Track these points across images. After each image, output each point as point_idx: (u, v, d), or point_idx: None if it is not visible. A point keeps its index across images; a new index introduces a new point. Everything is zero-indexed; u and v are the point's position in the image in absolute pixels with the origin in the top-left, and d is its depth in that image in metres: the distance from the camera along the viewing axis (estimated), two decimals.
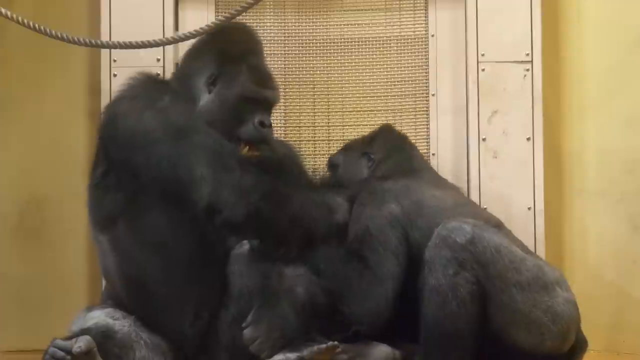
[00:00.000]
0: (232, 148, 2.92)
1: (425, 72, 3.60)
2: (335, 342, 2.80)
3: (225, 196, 2.77)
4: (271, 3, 3.60)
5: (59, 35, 2.76)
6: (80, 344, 2.64)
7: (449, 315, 2.74)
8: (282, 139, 3.50)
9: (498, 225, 3.06)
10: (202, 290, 2.88)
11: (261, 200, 2.79)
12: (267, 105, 3.10)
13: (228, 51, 3.05)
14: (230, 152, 2.88)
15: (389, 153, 3.27)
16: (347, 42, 3.61)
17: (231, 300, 2.87)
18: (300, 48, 3.62)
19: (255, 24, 3.61)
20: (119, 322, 2.84)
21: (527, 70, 3.51)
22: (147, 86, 2.98)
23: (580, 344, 2.96)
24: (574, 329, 2.90)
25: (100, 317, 2.88)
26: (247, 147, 3.03)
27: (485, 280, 2.77)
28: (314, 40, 3.62)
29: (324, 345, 2.78)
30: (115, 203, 2.92)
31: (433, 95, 3.59)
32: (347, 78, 3.61)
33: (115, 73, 3.51)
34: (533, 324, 2.80)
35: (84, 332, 2.74)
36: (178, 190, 2.80)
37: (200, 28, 2.81)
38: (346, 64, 3.61)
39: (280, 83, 3.59)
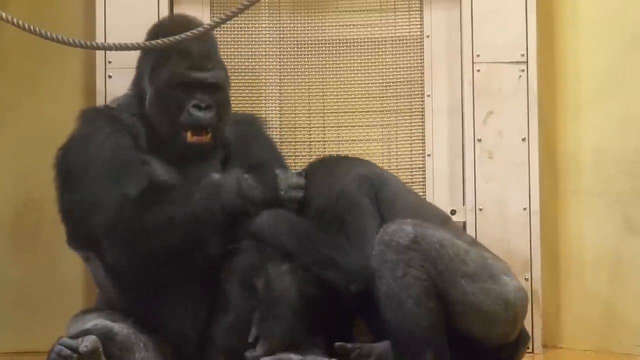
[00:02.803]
0: (124, 193, 2.89)
1: (421, 73, 3.60)
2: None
3: (102, 248, 2.86)
4: (266, 4, 3.60)
5: (54, 37, 2.75)
6: (86, 343, 2.64)
7: (408, 315, 2.73)
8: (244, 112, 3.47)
9: (446, 221, 3.10)
10: (197, 290, 2.88)
11: (135, 245, 2.82)
12: (204, 87, 3.01)
13: None
14: (121, 202, 2.86)
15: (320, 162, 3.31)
16: (343, 43, 3.61)
17: (228, 308, 2.89)
18: (296, 49, 3.62)
19: (250, 25, 3.62)
20: (118, 324, 2.84)
21: (522, 70, 3.51)
22: (87, 126, 3.03)
23: (523, 338, 2.97)
24: (523, 316, 2.91)
25: (98, 319, 2.89)
26: (189, 133, 2.99)
27: (435, 276, 2.77)
28: (309, 41, 3.62)
29: None
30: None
31: (428, 96, 3.59)
32: (342, 79, 3.61)
33: (111, 74, 3.52)
34: (485, 313, 2.80)
35: (84, 333, 2.73)
36: None
37: (196, 29, 2.81)
38: (341, 65, 3.61)
39: (275, 84, 3.61)
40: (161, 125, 3.02)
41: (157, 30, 3.05)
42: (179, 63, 3.01)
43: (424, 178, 3.58)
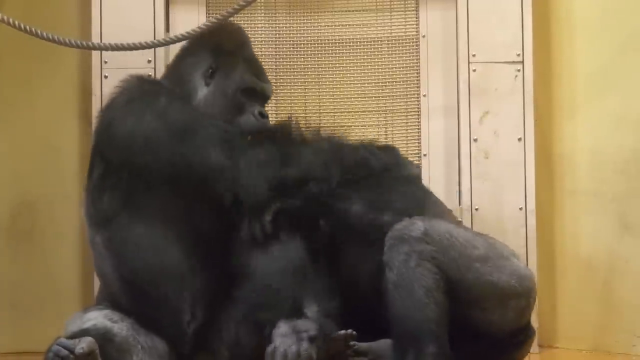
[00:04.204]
0: (236, 130, 2.97)
1: (417, 73, 3.60)
2: (351, 330, 2.81)
3: (247, 180, 2.86)
4: (262, 4, 3.60)
5: (50, 37, 2.76)
6: (82, 345, 2.63)
7: (417, 305, 2.73)
8: None
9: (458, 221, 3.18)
10: (198, 288, 2.88)
11: (280, 170, 2.89)
12: (263, 97, 3.15)
13: (223, 45, 3.07)
14: (237, 135, 2.94)
15: None
16: (339, 43, 3.62)
17: (239, 301, 2.89)
18: (292, 49, 3.62)
19: (246, 25, 3.61)
20: (117, 325, 2.84)
21: (518, 70, 3.51)
22: (141, 88, 2.99)
23: (529, 331, 2.99)
24: (535, 296, 2.93)
25: (98, 318, 2.88)
26: (249, 137, 3.03)
27: (447, 267, 2.79)
28: (305, 41, 3.62)
29: (341, 332, 2.80)
30: (111, 203, 2.93)
31: (424, 95, 3.59)
32: (338, 79, 3.61)
33: (106, 75, 3.51)
34: (502, 289, 2.82)
35: (83, 333, 2.73)
36: (194, 186, 2.88)
37: (192, 30, 2.82)
38: (337, 65, 3.61)
39: (271, 84, 3.61)
40: None
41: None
42: (248, 70, 3.12)
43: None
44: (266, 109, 3.57)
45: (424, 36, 3.60)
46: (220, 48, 3.08)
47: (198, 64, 3.09)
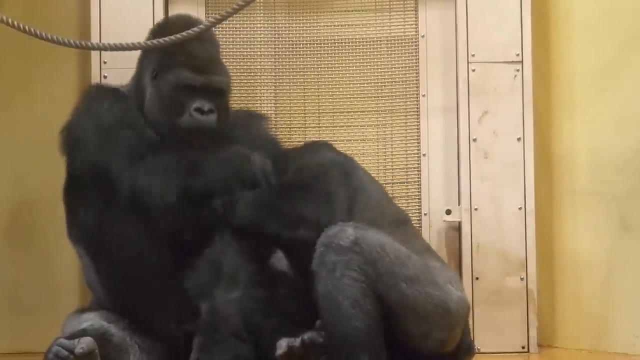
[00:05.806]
0: (147, 137, 2.92)
1: (416, 73, 3.60)
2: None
3: (143, 186, 2.82)
4: (262, 4, 3.61)
5: (49, 37, 2.76)
6: (82, 345, 2.65)
7: (344, 317, 2.70)
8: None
9: (404, 222, 3.10)
10: (182, 292, 2.86)
11: (178, 179, 2.82)
12: (207, 91, 3.00)
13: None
14: (145, 142, 2.89)
15: None
16: (338, 43, 3.62)
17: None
18: (291, 49, 3.62)
19: (245, 25, 3.62)
20: (114, 326, 2.84)
21: (518, 70, 3.51)
22: (91, 97, 3.02)
23: (464, 350, 2.95)
24: (461, 327, 2.89)
25: (94, 319, 2.89)
26: (190, 136, 2.98)
27: (375, 279, 2.74)
28: (305, 41, 3.62)
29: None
30: (86, 216, 2.92)
31: (423, 95, 3.59)
32: (337, 79, 3.61)
33: (106, 75, 3.52)
34: (424, 317, 2.78)
35: (81, 333, 2.74)
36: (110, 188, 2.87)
37: (192, 30, 2.82)
38: (337, 65, 3.61)
39: (271, 84, 3.61)
40: (159, 125, 3.01)
41: (161, 29, 3.03)
42: (185, 65, 3.00)
43: (419, 178, 3.58)
44: (266, 108, 3.59)
45: (423, 36, 3.61)
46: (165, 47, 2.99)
47: (148, 65, 3.07)
